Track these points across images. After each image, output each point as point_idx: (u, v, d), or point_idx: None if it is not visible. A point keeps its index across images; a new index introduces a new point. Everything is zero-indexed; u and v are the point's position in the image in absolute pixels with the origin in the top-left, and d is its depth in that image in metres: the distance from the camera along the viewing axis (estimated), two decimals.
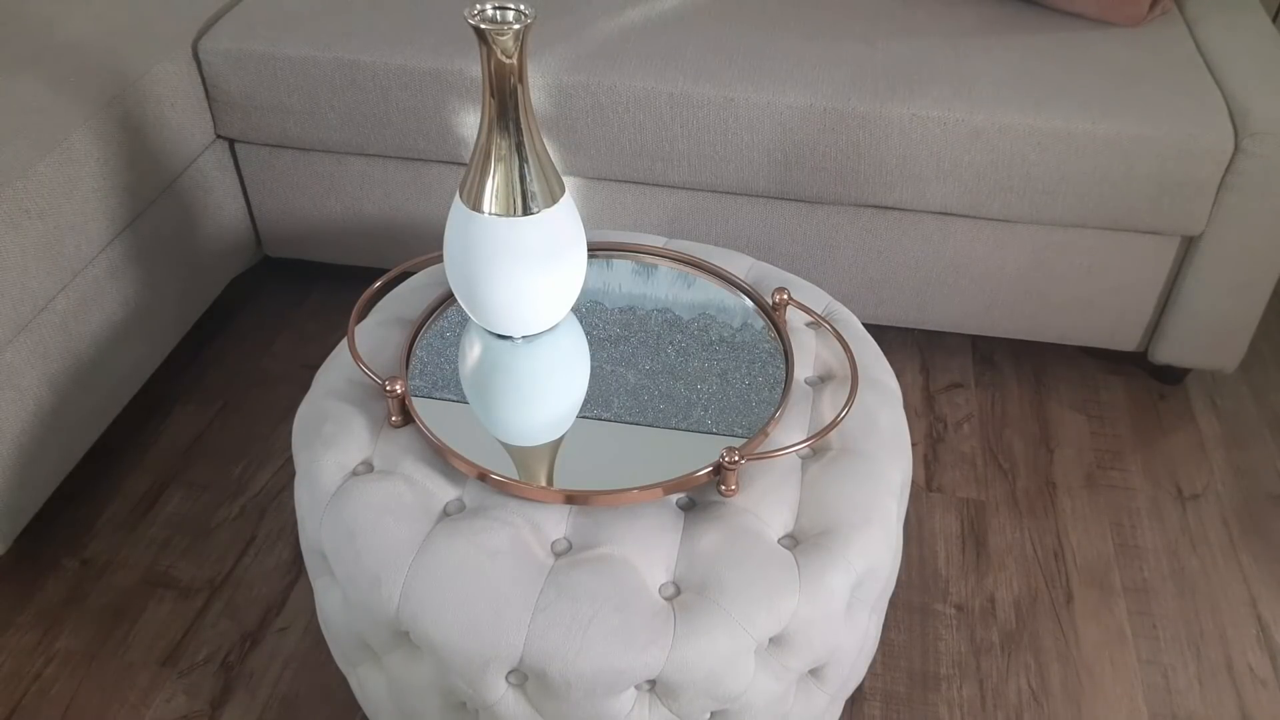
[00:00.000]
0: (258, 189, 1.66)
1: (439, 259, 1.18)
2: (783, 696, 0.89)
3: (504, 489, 0.91)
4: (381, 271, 1.15)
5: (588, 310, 1.09)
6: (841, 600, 0.87)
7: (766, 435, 0.95)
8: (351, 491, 0.91)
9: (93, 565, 1.35)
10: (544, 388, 1.01)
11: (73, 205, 1.28)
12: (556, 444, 0.95)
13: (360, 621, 0.90)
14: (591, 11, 1.54)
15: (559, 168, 1.52)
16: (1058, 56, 1.47)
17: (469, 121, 1.48)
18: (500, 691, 0.85)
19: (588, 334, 1.06)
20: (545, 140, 1.39)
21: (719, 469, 0.90)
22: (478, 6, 0.87)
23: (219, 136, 1.58)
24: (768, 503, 0.91)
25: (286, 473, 1.48)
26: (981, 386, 1.66)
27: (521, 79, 0.89)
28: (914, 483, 1.49)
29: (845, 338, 1.05)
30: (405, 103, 1.47)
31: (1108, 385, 1.67)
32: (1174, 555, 1.40)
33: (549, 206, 0.95)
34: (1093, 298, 1.54)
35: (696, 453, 0.94)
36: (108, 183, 1.34)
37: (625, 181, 1.53)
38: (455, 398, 0.99)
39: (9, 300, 1.19)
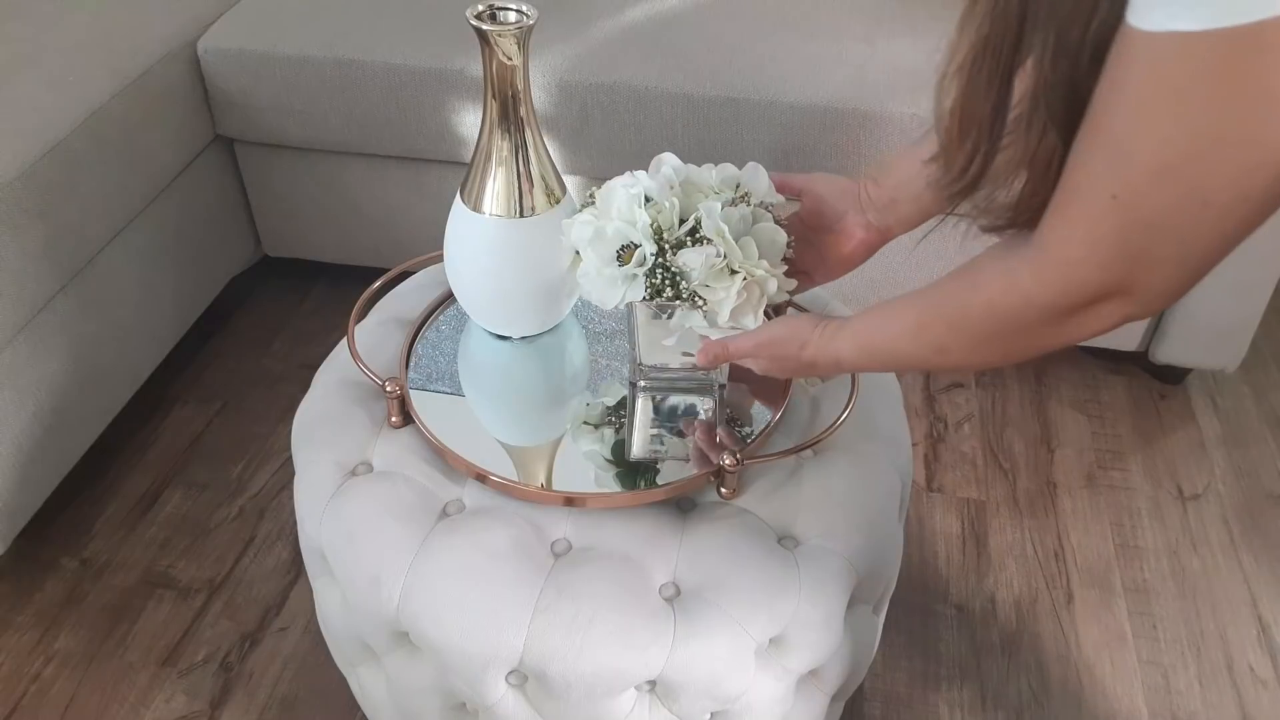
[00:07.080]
0: (258, 189, 1.66)
1: (439, 259, 1.18)
2: (783, 697, 0.89)
3: (504, 490, 0.91)
4: (381, 271, 1.15)
5: (588, 310, 1.09)
6: (841, 601, 0.87)
7: (767, 436, 0.95)
8: (351, 491, 0.91)
9: (92, 565, 1.35)
10: (543, 388, 1.01)
11: (73, 205, 1.28)
12: (556, 444, 0.95)
13: (360, 621, 0.90)
14: (591, 11, 1.54)
15: (559, 168, 1.51)
16: None
17: (469, 121, 1.48)
18: (500, 692, 0.85)
19: (587, 334, 1.06)
20: (546, 140, 1.39)
21: (719, 470, 0.90)
22: (479, 7, 0.86)
23: (219, 136, 1.58)
24: (768, 503, 0.91)
25: (286, 473, 1.48)
26: (981, 386, 1.65)
27: (523, 81, 0.89)
28: (914, 483, 1.49)
29: None
30: (405, 103, 1.47)
31: (1108, 385, 1.66)
32: (1174, 555, 1.40)
33: (550, 207, 0.95)
34: None
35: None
36: (108, 183, 1.34)
37: None
38: (455, 397, 0.99)
39: (9, 300, 1.19)
